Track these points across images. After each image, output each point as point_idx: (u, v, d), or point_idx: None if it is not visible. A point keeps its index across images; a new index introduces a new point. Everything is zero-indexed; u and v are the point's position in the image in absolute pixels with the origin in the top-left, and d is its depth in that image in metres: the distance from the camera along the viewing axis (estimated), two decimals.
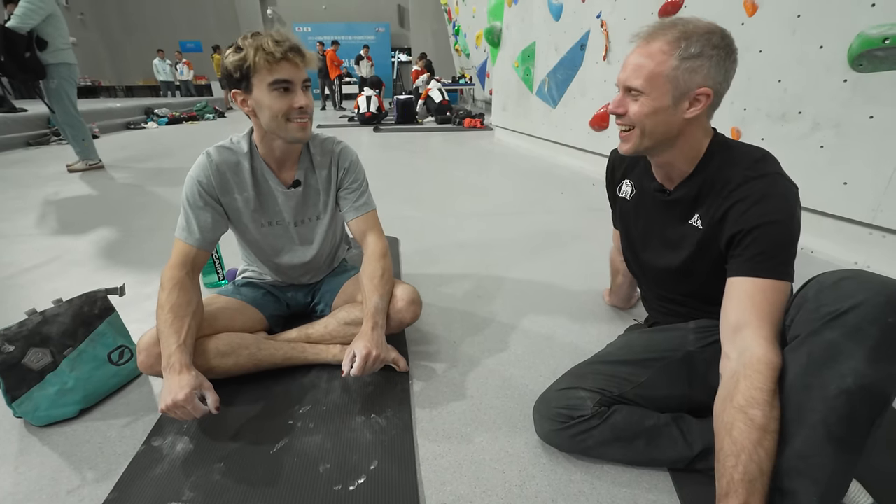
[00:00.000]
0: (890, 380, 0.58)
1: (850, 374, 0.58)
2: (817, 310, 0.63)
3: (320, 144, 1.16)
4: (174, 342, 0.91)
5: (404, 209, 2.65)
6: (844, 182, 1.74)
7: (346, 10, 15.62)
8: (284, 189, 1.13)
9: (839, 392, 0.58)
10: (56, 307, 1.03)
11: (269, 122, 0.99)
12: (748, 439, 0.63)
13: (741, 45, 0.77)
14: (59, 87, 3.36)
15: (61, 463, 0.88)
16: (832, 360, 0.60)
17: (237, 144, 1.08)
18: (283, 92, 0.96)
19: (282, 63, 0.94)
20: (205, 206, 1.05)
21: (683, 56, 0.73)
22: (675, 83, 0.75)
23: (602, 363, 0.92)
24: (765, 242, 0.74)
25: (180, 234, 1.05)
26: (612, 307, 1.48)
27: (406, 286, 1.17)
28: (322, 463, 0.87)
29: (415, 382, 1.12)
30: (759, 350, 0.68)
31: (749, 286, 0.74)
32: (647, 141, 0.82)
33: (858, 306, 0.59)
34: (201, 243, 1.05)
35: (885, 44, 1.54)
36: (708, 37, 0.73)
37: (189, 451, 0.90)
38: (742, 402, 0.65)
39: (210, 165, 1.05)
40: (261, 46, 0.92)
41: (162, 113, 8.03)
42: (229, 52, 0.96)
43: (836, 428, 0.58)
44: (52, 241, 2.14)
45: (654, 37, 0.76)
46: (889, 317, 0.57)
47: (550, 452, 0.89)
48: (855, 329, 0.59)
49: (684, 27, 0.74)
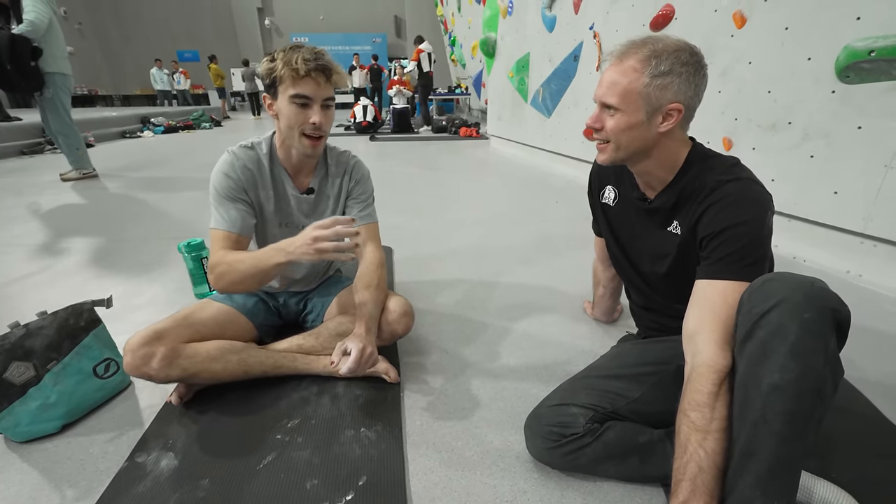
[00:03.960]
0: (813, 372, 0.60)
1: (777, 371, 0.60)
2: (749, 311, 0.66)
3: (337, 157, 1.21)
4: (268, 248, 0.98)
5: (399, 218, 2.64)
6: (835, 191, 1.75)
7: (344, 21, 15.81)
8: (298, 194, 1.16)
9: (770, 388, 0.61)
10: (41, 319, 1.01)
11: (286, 130, 1.04)
12: (689, 441, 0.66)
13: (731, 56, 0.79)
14: (55, 95, 3.35)
15: (41, 480, 0.86)
16: (764, 358, 0.62)
17: (258, 145, 1.12)
18: (301, 106, 1.00)
19: (305, 79, 0.98)
20: (235, 198, 1.07)
21: (654, 73, 0.76)
22: (647, 99, 0.78)
23: (595, 377, 0.92)
24: (732, 244, 0.76)
25: (217, 223, 1.06)
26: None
27: (399, 298, 1.16)
28: (310, 479, 0.85)
29: (406, 394, 1.10)
30: (707, 353, 0.70)
31: (710, 289, 0.76)
32: (622, 153, 0.85)
33: (779, 304, 0.62)
34: (241, 228, 1.06)
35: (870, 56, 1.57)
36: (677, 54, 0.76)
37: (174, 468, 0.88)
38: (685, 406, 0.69)
39: (236, 162, 1.08)
40: (290, 61, 0.97)
41: (158, 122, 8.03)
42: (266, 59, 1.02)
43: (773, 423, 0.60)
44: (43, 251, 2.12)
45: (626, 55, 0.79)
46: (805, 312, 0.61)
47: (542, 467, 0.88)
48: (777, 326, 0.62)
49: (654, 45, 0.77)
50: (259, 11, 15.80)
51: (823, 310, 0.61)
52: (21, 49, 3.02)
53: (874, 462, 0.87)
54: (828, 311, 0.61)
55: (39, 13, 3.08)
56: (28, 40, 3.05)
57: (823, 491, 0.73)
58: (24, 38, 3.03)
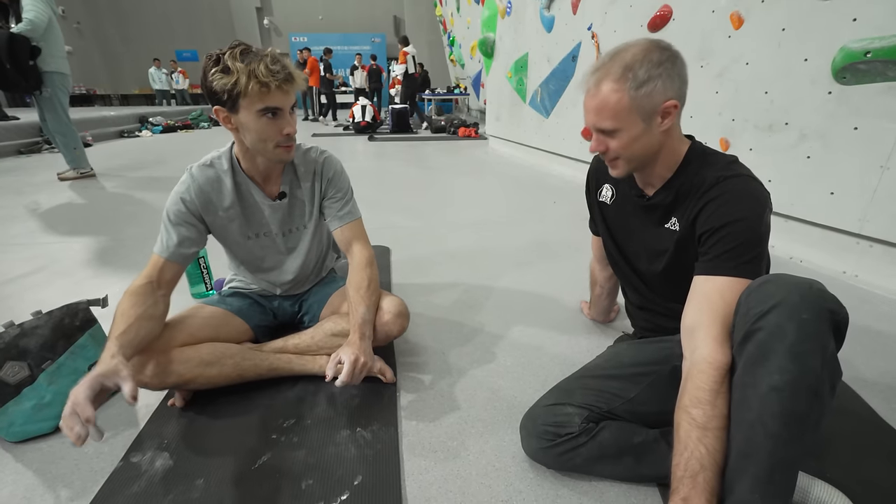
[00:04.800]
0: (812, 374, 0.59)
1: (776, 372, 0.60)
2: (747, 312, 0.66)
3: (303, 156, 1.15)
4: (110, 336, 0.87)
5: (397, 219, 2.64)
6: (831, 192, 1.75)
7: (343, 21, 15.80)
8: (270, 202, 1.12)
9: (769, 389, 0.60)
10: (35, 319, 1.01)
11: (255, 143, 0.99)
12: (690, 437, 0.65)
13: (728, 57, 0.79)
14: (53, 95, 3.34)
15: (35, 480, 0.86)
16: (763, 359, 0.62)
17: (218, 161, 1.08)
18: (271, 118, 0.95)
19: (275, 92, 0.92)
20: (183, 222, 1.04)
21: (635, 86, 0.76)
22: (639, 110, 0.78)
23: (590, 377, 0.92)
24: (731, 241, 0.75)
25: (156, 247, 1.04)
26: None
27: (393, 298, 1.16)
28: (305, 479, 0.85)
29: (402, 394, 1.10)
30: (706, 350, 0.70)
31: (708, 286, 0.76)
32: (635, 163, 0.85)
33: (777, 306, 0.62)
34: (171, 255, 1.03)
35: (866, 57, 1.57)
36: (648, 57, 0.75)
37: (168, 468, 0.88)
38: (686, 402, 0.68)
39: (193, 185, 1.05)
40: (254, 74, 0.89)
41: (156, 121, 8.02)
42: (216, 72, 0.90)
43: (772, 425, 0.60)
44: (39, 250, 2.12)
45: (600, 80, 0.78)
46: (803, 313, 0.61)
47: (537, 467, 0.88)
48: (776, 327, 0.62)
49: (622, 59, 0.76)
50: (258, 11, 15.78)
51: (821, 311, 0.61)
52: (19, 48, 3.01)
53: (870, 462, 0.87)
54: (826, 312, 0.61)
55: (39, 12, 3.07)
56: (27, 39, 3.04)
57: (819, 491, 0.73)
58: (22, 37, 3.02)
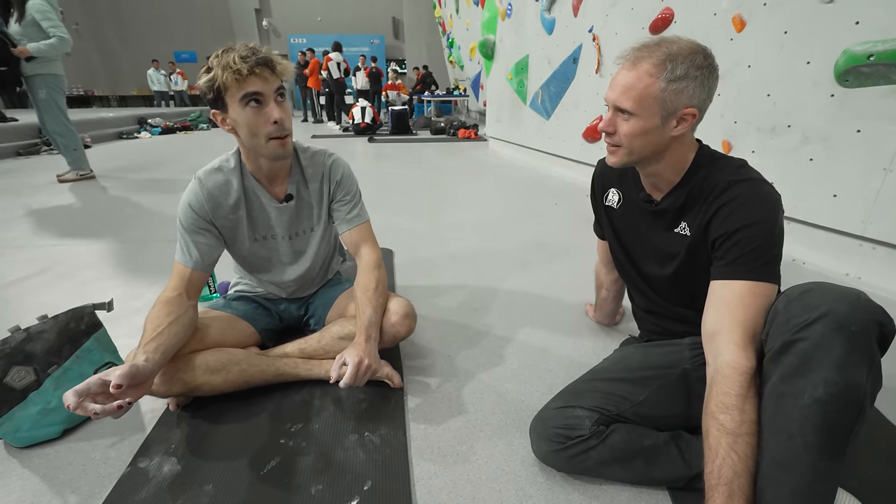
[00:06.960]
0: (859, 387, 0.59)
1: (821, 384, 0.59)
2: (787, 321, 0.64)
3: (311, 157, 1.15)
4: (139, 345, 0.88)
5: (398, 220, 2.64)
6: (834, 194, 1.76)
7: (342, 22, 15.80)
8: (277, 204, 1.12)
9: (812, 401, 0.59)
10: (41, 324, 1.00)
11: (249, 139, 0.98)
12: (721, 444, 0.64)
13: (731, 59, 0.79)
14: (49, 96, 3.34)
15: (42, 486, 0.85)
16: (805, 369, 0.61)
17: (226, 163, 1.07)
18: (256, 106, 0.94)
19: (250, 78, 0.91)
20: (199, 229, 1.05)
21: (670, 78, 0.75)
22: (662, 104, 0.77)
23: (599, 380, 0.91)
24: (746, 245, 0.75)
25: (178, 256, 1.05)
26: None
27: (400, 299, 1.16)
28: (314, 484, 0.85)
29: (410, 398, 1.10)
30: (729, 355, 0.69)
31: (726, 290, 0.76)
32: (634, 156, 0.85)
33: (824, 316, 0.61)
34: (196, 264, 1.04)
35: (869, 60, 1.58)
36: (692, 57, 0.75)
37: (176, 473, 0.87)
38: (713, 408, 0.67)
39: (202, 191, 1.04)
40: (228, 65, 0.90)
41: (155, 123, 8.00)
42: (201, 73, 0.94)
43: (813, 437, 0.59)
44: (40, 253, 2.10)
45: (640, 59, 0.78)
46: (853, 325, 0.59)
47: (548, 471, 0.87)
48: (822, 338, 0.60)
49: (669, 49, 0.76)
50: (257, 12, 15.77)
51: (870, 323, 0.60)
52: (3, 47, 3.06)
53: (878, 465, 0.88)
54: (874, 324, 0.60)
55: (63, 29, 3.19)
56: (9, 38, 3.08)
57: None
58: (6, 35, 3.08)
